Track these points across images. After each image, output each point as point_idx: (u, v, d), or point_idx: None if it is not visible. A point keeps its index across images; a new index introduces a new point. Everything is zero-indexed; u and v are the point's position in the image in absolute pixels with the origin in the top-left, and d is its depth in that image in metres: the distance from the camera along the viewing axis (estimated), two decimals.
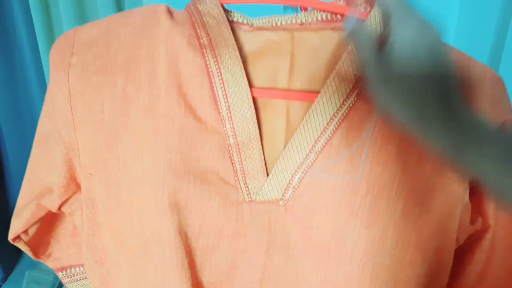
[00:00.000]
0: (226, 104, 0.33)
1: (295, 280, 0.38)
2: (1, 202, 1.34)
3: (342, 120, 0.34)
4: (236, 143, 0.34)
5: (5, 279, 1.54)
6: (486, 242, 0.41)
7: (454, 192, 0.37)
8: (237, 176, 0.34)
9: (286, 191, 0.35)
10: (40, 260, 0.46)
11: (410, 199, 0.36)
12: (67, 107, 0.34)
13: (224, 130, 0.34)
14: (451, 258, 0.40)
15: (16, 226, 0.41)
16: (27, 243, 0.42)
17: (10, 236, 0.41)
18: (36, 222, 0.41)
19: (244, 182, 0.35)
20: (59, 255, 0.46)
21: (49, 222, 0.43)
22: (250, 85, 0.34)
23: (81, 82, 0.34)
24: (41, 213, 0.40)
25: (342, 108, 0.34)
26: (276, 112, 0.35)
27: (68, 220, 0.44)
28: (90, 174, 0.35)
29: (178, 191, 0.32)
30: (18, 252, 1.62)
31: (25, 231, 0.41)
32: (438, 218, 0.37)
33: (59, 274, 0.47)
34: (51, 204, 0.38)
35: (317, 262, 0.37)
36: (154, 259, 0.33)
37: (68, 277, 0.47)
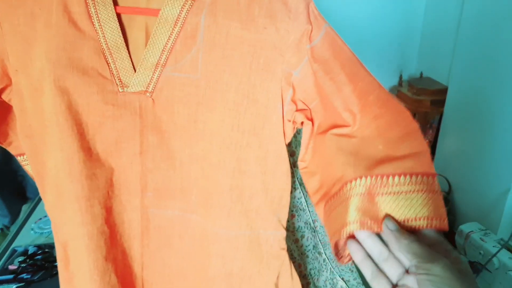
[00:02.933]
0: (97, 18, 0.47)
1: (169, 155, 0.52)
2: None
3: (180, 30, 0.47)
4: (108, 48, 0.48)
5: (13, 221, 1.88)
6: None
7: (272, 89, 0.49)
8: (112, 72, 0.49)
9: (149, 85, 0.49)
10: (4, 146, 0.63)
11: (238, 92, 0.49)
12: None
13: (98, 38, 0.48)
14: (283, 145, 0.52)
15: None
16: None
17: None
18: None
19: (118, 77, 0.49)
20: (17, 144, 0.63)
21: (3, 116, 0.59)
22: (116, 5, 0.48)
23: (3, 3, 0.49)
24: None
25: (178, 22, 0.47)
26: (138, 27, 0.49)
27: None
28: (16, 70, 0.50)
29: (65, 79, 0.47)
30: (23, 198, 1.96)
31: None
32: (264, 109, 0.50)
33: (19, 158, 0.64)
34: None
35: (183, 140, 0.51)
36: (55, 128, 0.49)
37: (25, 161, 0.64)
